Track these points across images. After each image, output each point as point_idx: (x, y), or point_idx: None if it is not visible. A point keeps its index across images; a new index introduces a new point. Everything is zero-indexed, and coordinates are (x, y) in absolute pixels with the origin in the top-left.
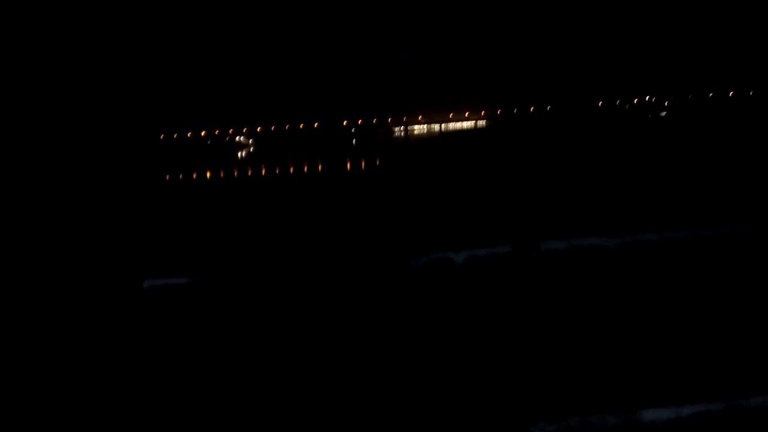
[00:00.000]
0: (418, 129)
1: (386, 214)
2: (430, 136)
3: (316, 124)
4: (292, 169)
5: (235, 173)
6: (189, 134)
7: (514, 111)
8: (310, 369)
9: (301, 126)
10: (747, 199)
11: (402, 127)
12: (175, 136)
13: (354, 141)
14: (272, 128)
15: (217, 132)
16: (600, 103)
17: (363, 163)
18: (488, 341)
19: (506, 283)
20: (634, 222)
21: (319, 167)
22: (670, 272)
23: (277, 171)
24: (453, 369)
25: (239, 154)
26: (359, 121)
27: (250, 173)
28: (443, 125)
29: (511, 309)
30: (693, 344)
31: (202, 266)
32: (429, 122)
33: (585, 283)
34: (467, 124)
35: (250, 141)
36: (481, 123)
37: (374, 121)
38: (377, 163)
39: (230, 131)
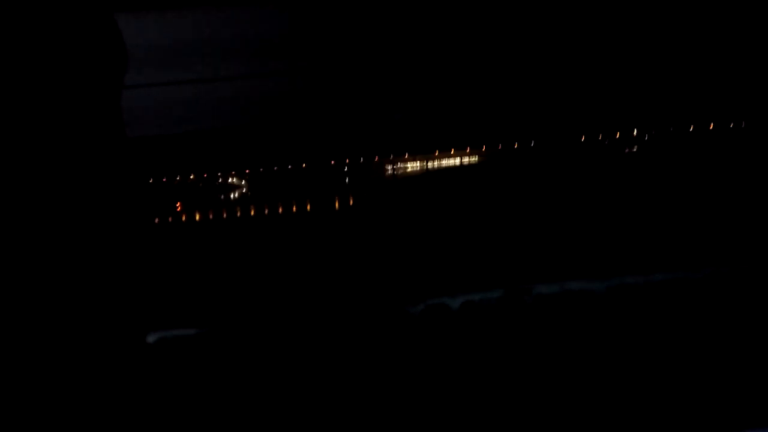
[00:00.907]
0: (411, 167)
1: (383, 258)
2: (424, 175)
3: (304, 165)
4: (281, 210)
5: (224, 215)
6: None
7: (500, 147)
8: (316, 416)
9: (290, 167)
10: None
11: (393, 165)
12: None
13: (347, 180)
14: (261, 170)
15: (205, 175)
16: (582, 137)
17: (354, 203)
18: (486, 383)
19: (501, 327)
20: (619, 265)
21: (308, 207)
22: (655, 313)
23: (266, 212)
24: (455, 412)
25: (231, 196)
26: (347, 161)
27: (239, 215)
28: (432, 164)
29: (506, 351)
30: (680, 380)
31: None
32: (423, 161)
33: (576, 326)
34: (454, 162)
35: (243, 182)
36: (470, 160)
37: (362, 159)
38: (371, 204)
39: (218, 174)
